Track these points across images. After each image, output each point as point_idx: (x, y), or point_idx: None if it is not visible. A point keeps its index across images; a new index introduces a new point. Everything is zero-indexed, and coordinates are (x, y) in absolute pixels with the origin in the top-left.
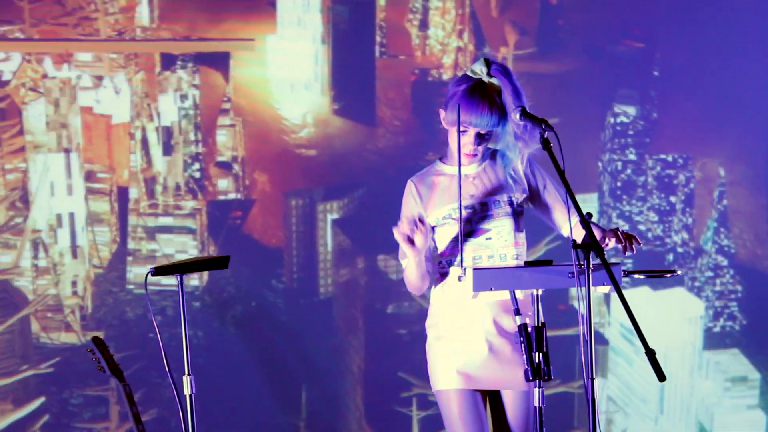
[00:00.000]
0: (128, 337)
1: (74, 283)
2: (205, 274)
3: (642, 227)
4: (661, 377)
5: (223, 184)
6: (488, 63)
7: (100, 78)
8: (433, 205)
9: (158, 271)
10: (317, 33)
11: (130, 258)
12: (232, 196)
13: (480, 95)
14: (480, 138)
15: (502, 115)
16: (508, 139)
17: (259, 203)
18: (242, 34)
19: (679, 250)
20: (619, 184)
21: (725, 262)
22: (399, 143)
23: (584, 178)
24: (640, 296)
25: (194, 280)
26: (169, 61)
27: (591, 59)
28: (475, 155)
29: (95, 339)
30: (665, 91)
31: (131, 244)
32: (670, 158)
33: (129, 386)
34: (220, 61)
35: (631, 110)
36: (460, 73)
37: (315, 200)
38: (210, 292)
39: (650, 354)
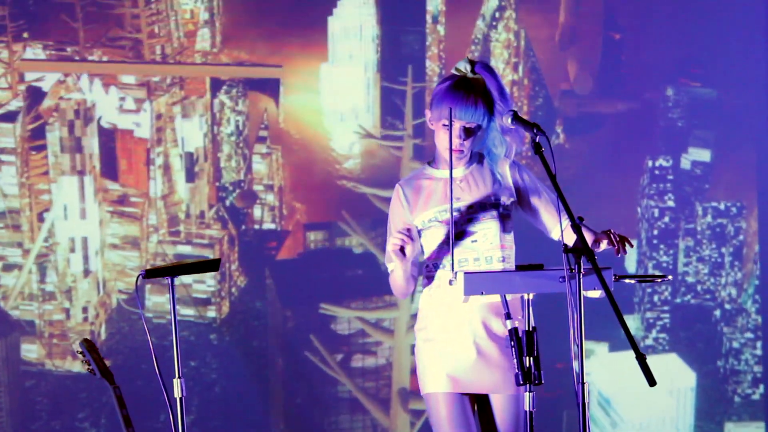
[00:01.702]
0: (136, 368)
1: (85, 309)
2: (225, 306)
3: (690, 279)
4: (652, 382)
5: (259, 213)
6: (472, 62)
7: (141, 101)
8: (419, 208)
9: (149, 273)
10: (369, 61)
11: (149, 286)
12: (268, 225)
13: (465, 89)
14: (466, 132)
15: (488, 110)
16: (494, 135)
17: (293, 235)
18: (300, 61)
19: (727, 306)
20: (655, 232)
21: None
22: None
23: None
24: (622, 361)
25: (211, 311)
26: (216, 86)
27: (651, 98)
28: (461, 151)
29: (85, 341)
30: (724, 134)
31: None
32: (722, 206)
33: (119, 389)
34: (269, 88)
35: (705, 155)
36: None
37: (334, 235)
38: (229, 325)
39: (640, 359)
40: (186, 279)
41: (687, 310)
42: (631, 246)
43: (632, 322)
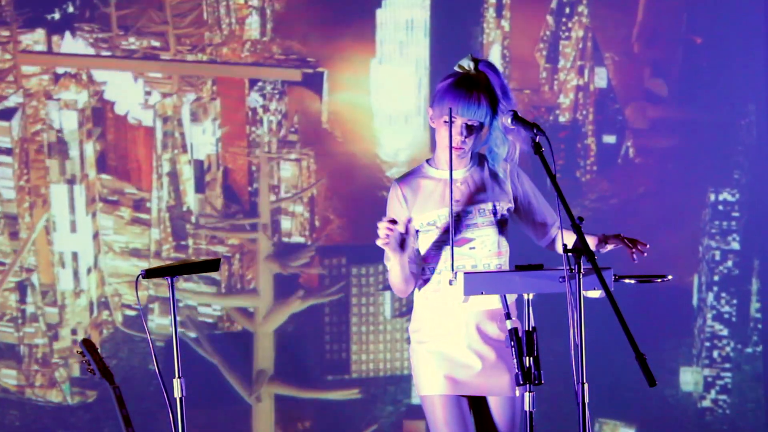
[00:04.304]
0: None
1: (74, 332)
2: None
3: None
4: (652, 382)
5: (288, 225)
6: (476, 59)
7: (167, 96)
8: (417, 209)
9: (149, 273)
10: (421, 59)
11: (152, 306)
12: (296, 239)
13: (467, 86)
14: (468, 130)
15: (490, 108)
16: (496, 135)
17: (324, 251)
18: (350, 55)
19: None
20: (716, 278)
21: None
22: None
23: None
24: None
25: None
26: (255, 81)
27: (731, 111)
28: (462, 149)
29: (85, 341)
30: None
31: (153, 290)
32: None
33: (119, 389)
34: (312, 84)
35: None
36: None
37: (350, 262)
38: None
39: (640, 359)
40: (190, 301)
41: (759, 363)
42: (645, 245)
43: (690, 376)
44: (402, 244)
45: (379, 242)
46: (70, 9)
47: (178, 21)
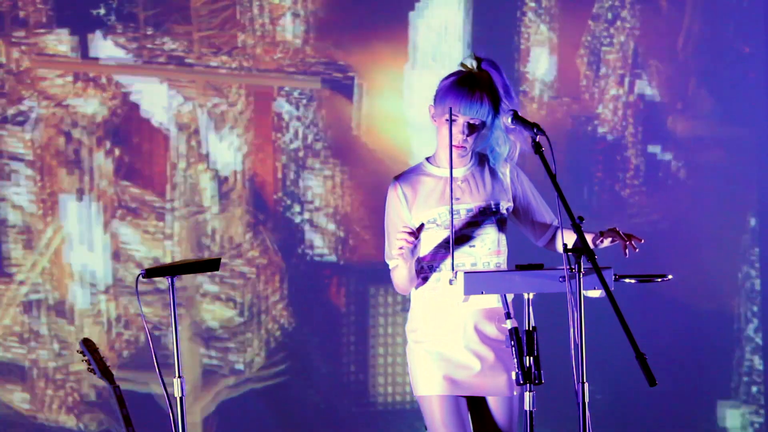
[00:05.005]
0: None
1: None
2: (260, 356)
3: None
4: (652, 382)
5: (320, 242)
6: (478, 58)
7: (191, 99)
8: (418, 207)
9: (149, 273)
10: (455, 64)
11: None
12: (328, 257)
13: (469, 85)
14: (470, 129)
15: (492, 107)
16: (498, 134)
17: (352, 270)
18: (381, 60)
19: None
20: (755, 308)
21: None
22: None
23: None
24: None
25: (238, 363)
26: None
27: None
28: (464, 147)
29: (85, 341)
30: None
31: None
32: None
33: (119, 388)
34: (343, 90)
35: None
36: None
37: (367, 282)
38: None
39: (640, 359)
40: (212, 323)
41: None
42: (640, 241)
43: (728, 412)
44: (412, 251)
45: (394, 252)
46: (106, 10)
47: (204, 22)
